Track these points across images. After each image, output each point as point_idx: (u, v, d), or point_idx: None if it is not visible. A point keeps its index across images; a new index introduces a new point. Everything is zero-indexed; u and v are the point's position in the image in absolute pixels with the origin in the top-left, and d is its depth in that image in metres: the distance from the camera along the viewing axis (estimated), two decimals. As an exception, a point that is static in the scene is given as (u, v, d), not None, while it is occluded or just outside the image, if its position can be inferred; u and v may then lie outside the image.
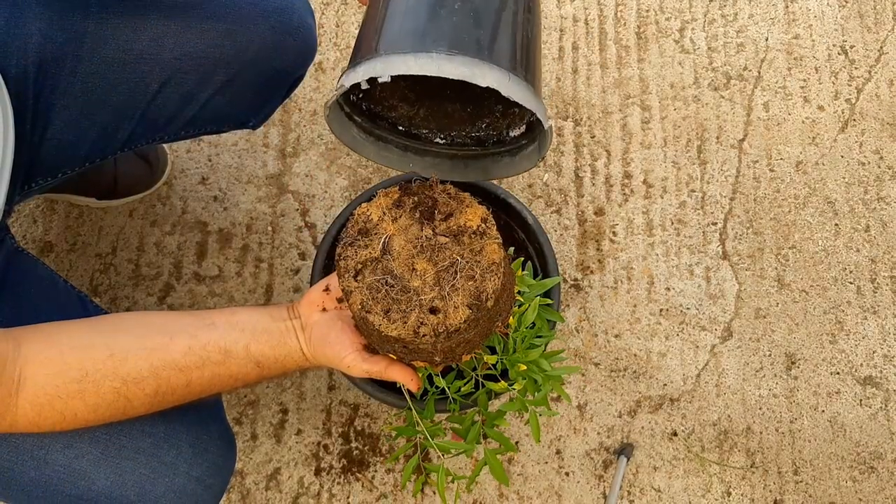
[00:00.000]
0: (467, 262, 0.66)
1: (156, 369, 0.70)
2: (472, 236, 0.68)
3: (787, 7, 1.46)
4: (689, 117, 1.38)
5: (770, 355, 1.22)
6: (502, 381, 0.82)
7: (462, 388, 0.86)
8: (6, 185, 0.76)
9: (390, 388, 0.97)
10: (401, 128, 0.78)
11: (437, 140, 0.79)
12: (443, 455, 0.86)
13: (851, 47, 1.42)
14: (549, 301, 0.85)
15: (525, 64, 0.63)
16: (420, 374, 0.77)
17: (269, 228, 1.31)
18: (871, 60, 1.41)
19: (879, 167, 1.34)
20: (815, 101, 1.39)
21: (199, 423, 0.81)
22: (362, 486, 1.16)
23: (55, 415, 0.67)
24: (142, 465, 0.76)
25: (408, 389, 0.80)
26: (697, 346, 1.23)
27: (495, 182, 1.08)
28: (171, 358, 0.71)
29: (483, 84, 0.59)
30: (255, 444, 1.19)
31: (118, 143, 0.96)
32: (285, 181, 1.34)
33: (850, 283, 1.26)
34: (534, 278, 1.00)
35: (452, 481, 0.89)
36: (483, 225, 0.68)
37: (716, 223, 1.31)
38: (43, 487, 0.75)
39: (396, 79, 0.61)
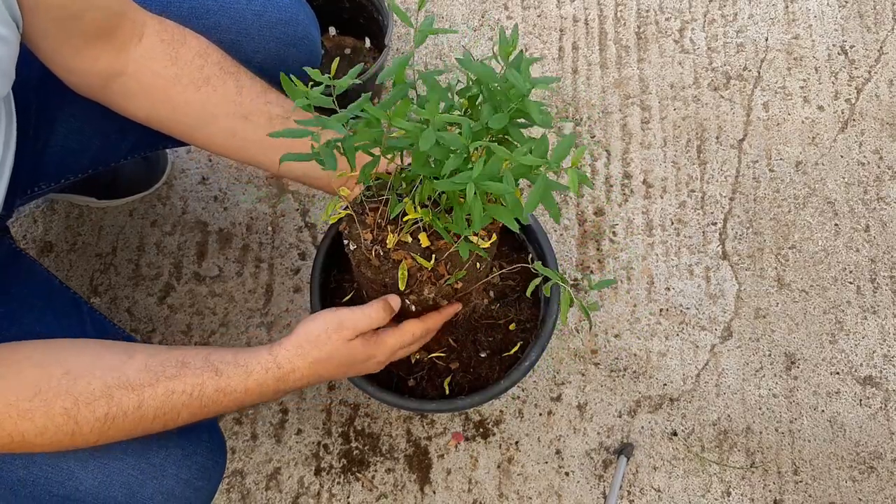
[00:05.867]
0: None
1: (109, 388, 0.68)
2: None
3: (786, 7, 1.46)
4: (689, 117, 1.38)
5: (770, 355, 1.22)
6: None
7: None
8: (5, 186, 0.77)
9: (390, 387, 0.97)
10: None
11: None
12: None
13: (851, 47, 1.42)
14: None
15: None
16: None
17: (269, 228, 1.32)
18: (871, 60, 1.41)
19: (879, 167, 1.34)
20: (814, 101, 1.39)
21: (189, 425, 0.80)
22: (362, 485, 1.16)
23: (4, 436, 0.66)
24: (130, 465, 0.75)
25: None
26: (697, 346, 1.23)
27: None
28: (125, 376, 0.69)
29: None
30: (255, 443, 1.19)
31: (122, 151, 0.97)
32: (285, 181, 1.34)
33: (850, 283, 1.27)
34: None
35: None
36: None
37: (716, 223, 1.31)
38: (30, 487, 0.74)
39: None
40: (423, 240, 0.77)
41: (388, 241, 0.77)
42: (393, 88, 0.71)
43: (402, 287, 0.80)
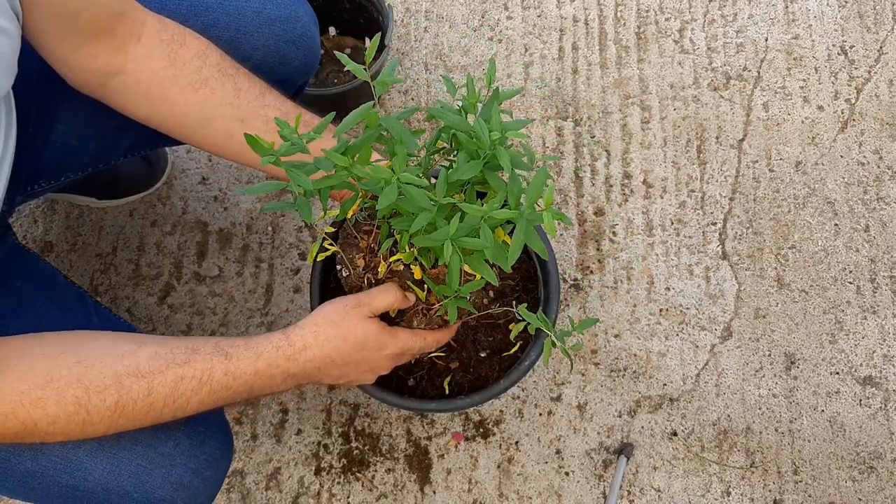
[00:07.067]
0: None
1: (119, 377, 0.68)
2: None
3: (786, 7, 1.46)
4: (689, 117, 1.38)
5: (770, 355, 1.23)
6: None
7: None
8: (5, 182, 0.77)
9: (390, 387, 0.97)
10: None
11: None
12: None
13: (851, 47, 1.42)
14: None
15: None
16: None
17: (269, 228, 1.32)
18: (871, 60, 1.41)
19: (879, 167, 1.34)
20: (814, 101, 1.39)
21: (197, 415, 0.81)
22: (362, 485, 1.16)
23: (17, 424, 0.66)
24: (139, 455, 0.75)
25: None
26: (697, 346, 1.23)
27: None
28: (136, 364, 0.69)
29: None
30: (255, 443, 1.19)
31: (122, 149, 0.97)
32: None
33: (850, 283, 1.27)
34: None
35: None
36: None
37: (715, 223, 1.31)
38: (39, 478, 0.74)
39: None
40: (416, 272, 0.77)
41: (379, 269, 0.78)
42: (364, 132, 0.70)
43: (392, 315, 0.80)
